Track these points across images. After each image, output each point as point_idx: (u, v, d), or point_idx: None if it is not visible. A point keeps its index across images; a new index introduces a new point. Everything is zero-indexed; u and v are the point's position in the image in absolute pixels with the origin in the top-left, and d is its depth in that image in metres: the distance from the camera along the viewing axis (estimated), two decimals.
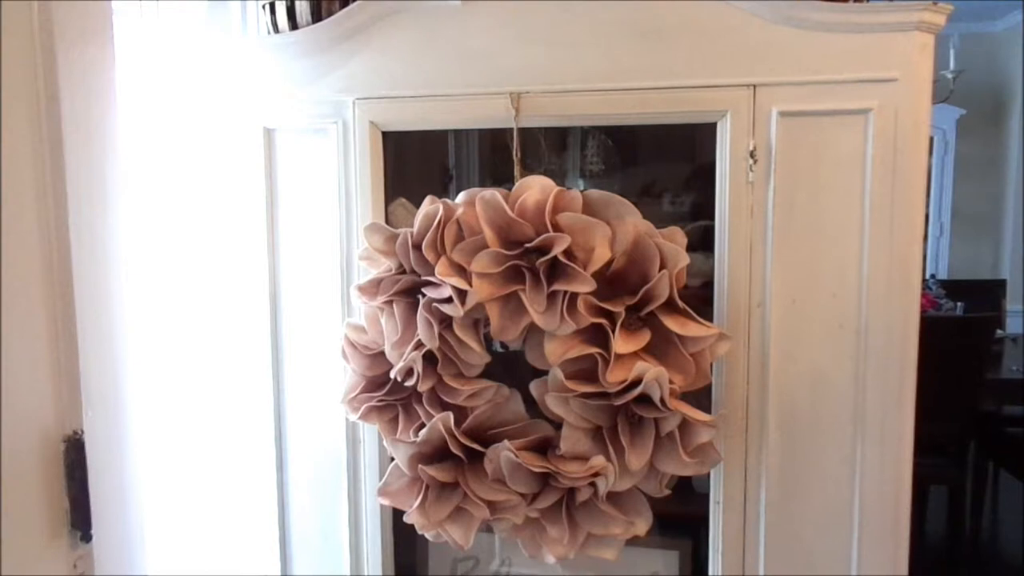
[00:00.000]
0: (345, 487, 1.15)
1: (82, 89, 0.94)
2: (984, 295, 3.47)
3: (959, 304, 3.25)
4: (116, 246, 1.05)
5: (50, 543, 0.94)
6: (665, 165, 1.36)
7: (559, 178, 0.98)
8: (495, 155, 1.29)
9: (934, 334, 1.07)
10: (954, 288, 3.41)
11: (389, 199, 1.13)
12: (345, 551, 1.17)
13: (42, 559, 0.92)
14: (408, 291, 1.01)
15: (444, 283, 0.95)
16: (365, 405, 1.05)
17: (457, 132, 1.36)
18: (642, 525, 1.01)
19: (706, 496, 1.08)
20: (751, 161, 0.99)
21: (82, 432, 0.95)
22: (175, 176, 1.20)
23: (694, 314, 0.94)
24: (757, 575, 1.06)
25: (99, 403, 1.00)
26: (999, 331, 3.26)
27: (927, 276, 3.92)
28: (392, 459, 1.06)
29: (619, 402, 0.94)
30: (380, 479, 1.09)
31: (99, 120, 0.98)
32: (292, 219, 1.14)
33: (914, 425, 1.01)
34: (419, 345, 0.99)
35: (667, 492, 1.01)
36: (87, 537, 0.97)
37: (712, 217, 1.04)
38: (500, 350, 1.15)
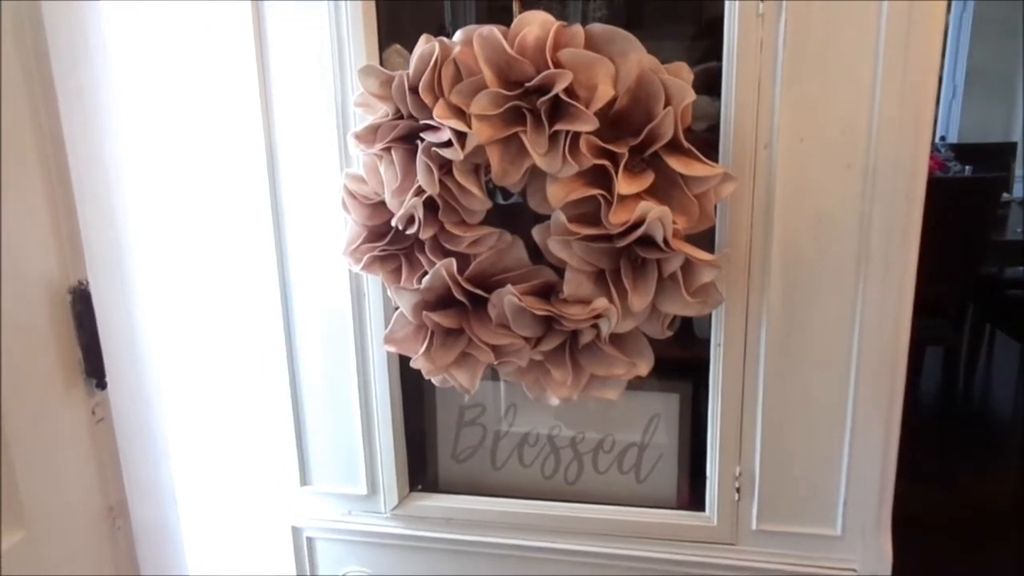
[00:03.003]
0: (352, 339, 1.17)
1: None
2: (994, 158, 3.42)
3: (967, 167, 3.20)
4: (104, 97, 1.02)
5: (67, 392, 0.96)
6: (670, 8, 1.30)
7: None
8: (491, 17, 1.23)
9: (939, 196, 1.05)
10: (963, 151, 3.35)
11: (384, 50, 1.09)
12: (355, 402, 1.20)
13: (61, 407, 0.95)
14: (406, 137, 0.98)
15: (443, 126, 0.93)
16: (367, 255, 1.05)
17: None
18: (644, 366, 1.03)
19: (707, 341, 1.10)
20: None
21: (87, 282, 0.96)
22: (161, 16, 1.15)
23: (699, 154, 0.92)
24: (755, 415, 1.09)
25: (101, 254, 1.00)
26: (1006, 194, 3.22)
27: (937, 139, 3.85)
28: (396, 308, 1.08)
29: (622, 244, 0.93)
30: (385, 329, 1.10)
31: None
32: (283, 66, 1.10)
33: (915, 280, 1.01)
34: (419, 192, 0.98)
35: (669, 333, 1.02)
36: (102, 385, 1.00)
37: (719, 59, 1.00)
38: (502, 202, 1.14)
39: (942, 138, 3.95)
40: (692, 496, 1.21)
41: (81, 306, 0.95)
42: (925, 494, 2.36)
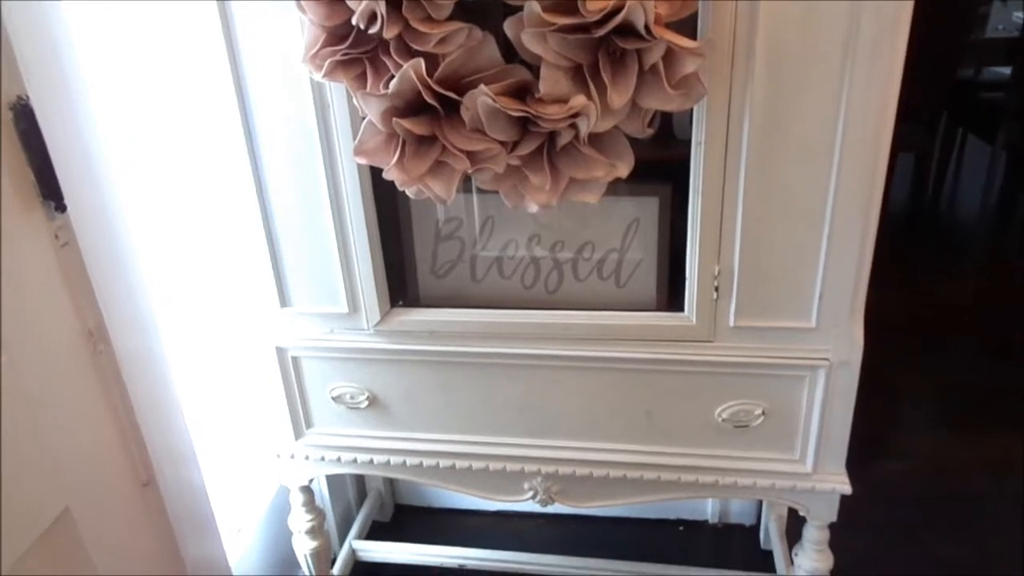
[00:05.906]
0: (319, 153, 1.12)
1: None
2: None
3: None
4: None
5: (26, 217, 0.92)
6: None
7: None
8: None
9: None
10: None
11: None
12: (328, 219, 1.17)
13: (22, 234, 0.91)
14: None
15: None
16: (329, 60, 0.98)
17: None
18: (623, 167, 1.01)
19: (687, 141, 1.07)
20: None
21: (27, 97, 0.90)
22: None
23: None
24: (735, 213, 1.08)
25: (40, 68, 0.93)
26: None
27: None
28: (364, 117, 1.02)
29: (600, 33, 0.87)
30: (354, 141, 1.05)
31: None
32: None
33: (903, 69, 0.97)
34: None
35: (650, 132, 0.99)
36: (61, 207, 0.95)
37: None
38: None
39: None
40: (671, 298, 1.22)
41: (25, 123, 0.89)
42: (891, 296, 2.45)
